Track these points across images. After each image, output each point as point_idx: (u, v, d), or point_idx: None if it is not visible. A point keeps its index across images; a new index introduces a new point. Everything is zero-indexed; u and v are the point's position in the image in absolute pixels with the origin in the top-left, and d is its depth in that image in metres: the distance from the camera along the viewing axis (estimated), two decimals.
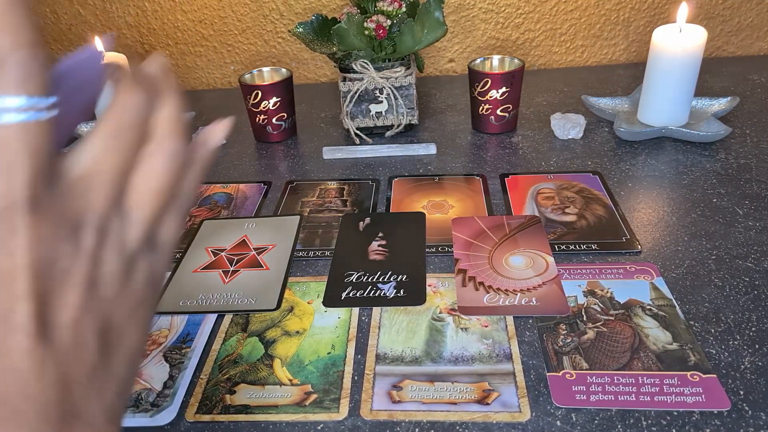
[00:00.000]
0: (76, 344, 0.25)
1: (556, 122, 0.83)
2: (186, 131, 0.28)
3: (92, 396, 0.26)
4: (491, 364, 0.47)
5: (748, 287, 0.53)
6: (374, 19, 0.77)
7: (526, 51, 1.08)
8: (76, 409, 0.25)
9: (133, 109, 0.26)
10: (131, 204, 0.27)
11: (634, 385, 0.44)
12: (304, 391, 0.46)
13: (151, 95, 0.27)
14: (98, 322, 0.26)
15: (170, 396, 0.47)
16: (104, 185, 0.25)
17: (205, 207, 0.72)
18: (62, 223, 0.24)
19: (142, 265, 0.28)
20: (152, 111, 0.27)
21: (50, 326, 0.24)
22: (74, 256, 0.24)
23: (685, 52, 0.74)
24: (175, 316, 0.55)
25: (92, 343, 0.25)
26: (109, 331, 0.26)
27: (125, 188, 0.26)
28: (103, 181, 0.25)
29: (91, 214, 0.25)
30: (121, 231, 0.26)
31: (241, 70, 1.10)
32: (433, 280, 0.57)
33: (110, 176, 0.25)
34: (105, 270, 0.26)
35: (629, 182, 0.70)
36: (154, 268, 0.29)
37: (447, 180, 0.74)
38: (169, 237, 0.30)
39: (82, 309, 0.25)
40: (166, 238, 0.29)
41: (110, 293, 0.26)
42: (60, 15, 1.07)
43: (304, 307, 0.55)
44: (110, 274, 0.26)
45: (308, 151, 0.85)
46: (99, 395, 0.26)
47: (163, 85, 0.28)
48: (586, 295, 0.53)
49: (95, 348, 0.26)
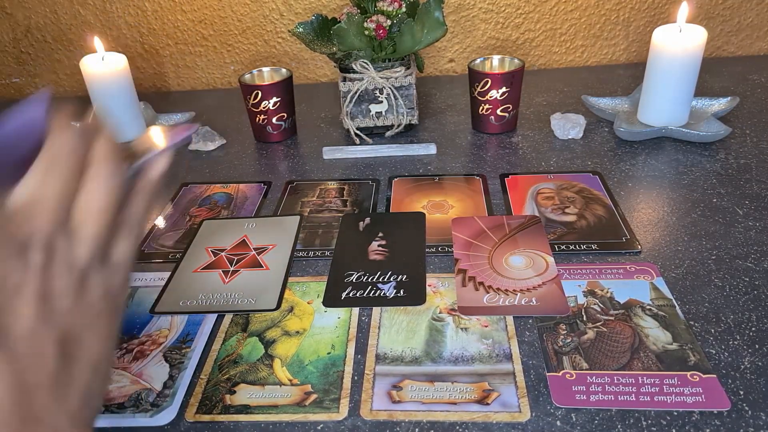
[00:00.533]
0: (34, 353, 0.27)
1: (556, 122, 0.83)
2: (120, 158, 0.32)
3: (54, 401, 0.28)
4: (491, 364, 0.47)
5: (748, 287, 0.53)
6: (374, 19, 0.77)
7: (526, 51, 1.08)
8: (37, 414, 0.27)
9: (66, 142, 0.30)
10: (76, 223, 0.30)
11: (634, 385, 0.44)
12: (304, 391, 0.46)
13: (83, 132, 0.31)
14: (56, 333, 0.28)
15: (170, 396, 0.47)
16: (47, 209, 0.29)
17: (205, 207, 0.72)
18: (9, 244, 0.27)
19: (95, 280, 0.31)
20: (86, 144, 0.31)
21: (5, 335, 0.26)
22: (24, 272, 0.27)
23: (685, 52, 0.74)
24: (175, 316, 0.55)
25: (51, 352, 0.28)
26: (68, 341, 0.29)
27: (70, 211, 0.30)
28: (46, 205, 0.29)
29: (37, 234, 0.28)
30: (68, 249, 0.29)
31: (241, 70, 1.10)
32: (433, 280, 0.57)
33: (52, 201, 0.29)
34: (56, 284, 0.29)
35: (629, 182, 0.70)
36: (109, 282, 0.32)
37: (447, 180, 0.74)
38: (122, 256, 0.33)
39: (37, 320, 0.28)
40: (118, 257, 0.32)
41: (65, 306, 0.29)
42: (60, 15, 1.07)
43: (304, 307, 0.55)
44: (62, 288, 0.29)
45: (308, 151, 0.85)
46: (61, 400, 0.28)
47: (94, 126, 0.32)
48: (586, 295, 0.53)
49: (54, 356, 0.28)
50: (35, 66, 1.12)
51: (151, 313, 0.55)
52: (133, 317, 0.55)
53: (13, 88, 1.15)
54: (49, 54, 1.11)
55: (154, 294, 0.58)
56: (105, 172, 0.31)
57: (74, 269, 0.30)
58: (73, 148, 0.30)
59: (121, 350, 0.51)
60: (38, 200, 0.28)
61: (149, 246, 0.66)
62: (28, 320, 0.27)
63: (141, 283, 0.60)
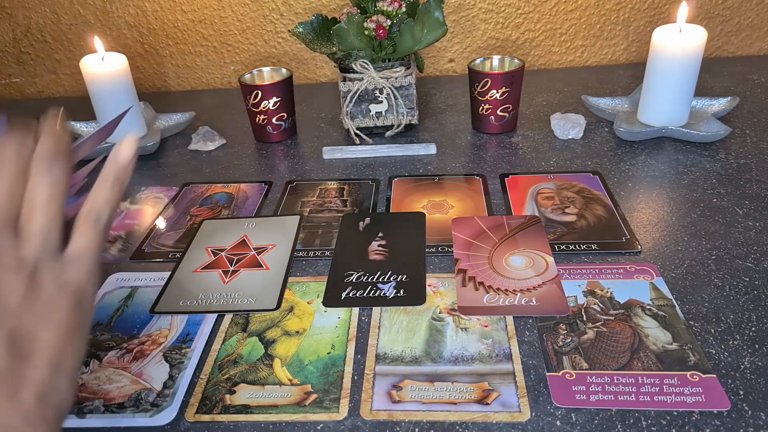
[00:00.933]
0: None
1: (556, 122, 0.83)
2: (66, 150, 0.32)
3: (5, 399, 0.28)
4: (491, 364, 0.47)
5: (748, 287, 0.53)
6: (374, 19, 0.77)
7: (526, 51, 1.08)
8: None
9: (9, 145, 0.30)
10: (23, 221, 0.30)
11: (634, 385, 0.44)
12: (304, 391, 0.46)
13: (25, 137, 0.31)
14: (4, 331, 0.28)
15: (170, 396, 0.47)
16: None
17: (205, 207, 0.72)
18: None
19: (47, 274, 0.30)
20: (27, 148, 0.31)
21: None
22: None
23: (685, 52, 0.74)
24: (175, 316, 0.55)
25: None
26: (18, 338, 0.29)
27: (14, 212, 0.30)
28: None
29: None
30: (14, 247, 0.29)
31: (241, 70, 1.10)
32: (433, 280, 0.57)
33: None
34: (3, 283, 0.29)
35: (629, 182, 0.70)
36: (66, 276, 0.31)
37: (447, 180, 0.74)
38: (83, 248, 0.32)
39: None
40: (79, 248, 0.32)
41: (13, 303, 0.29)
42: (60, 15, 1.07)
43: (304, 307, 0.55)
44: (8, 286, 0.29)
45: (308, 151, 0.85)
46: (13, 397, 0.28)
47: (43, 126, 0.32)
48: (586, 295, 0.53)
49: (3, 355, 0.28)
50: (35, 66, 1.12)
51: (151, 313, 0.55)
52: (133, 317, 0.55)
53: (13, 88, 1.15)
54: (49, 54, 1.11)
55: (154, 294, 0.58)
56: (46, 165, 0.31)
57: (22, 266, 0.29)
58: (16, 150, 0.30)
59: (121, 350, 0.51)
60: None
61: (149, 246, 0.66)
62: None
63: (141, 283, 0.60)
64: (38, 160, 0.31)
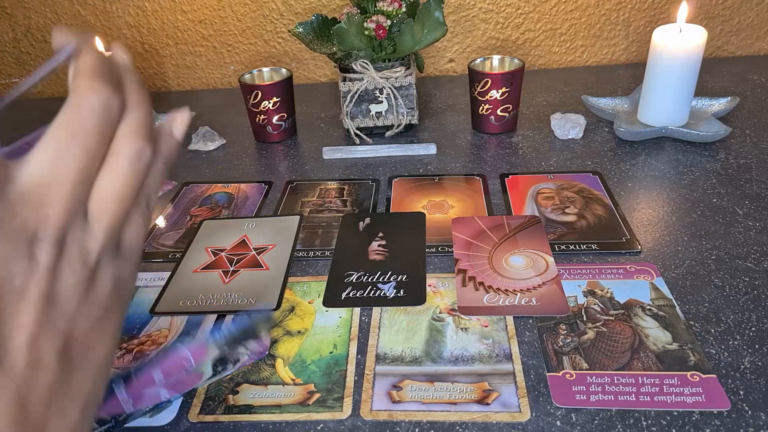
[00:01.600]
0: (32, 365, 0.23)
1: (556, 122, 0.83)
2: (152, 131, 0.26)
3: (54, 415, 0.24)
4: (491, 364, 0.47)
5: (748, 287, 0.53)
6: (374, 19, 0.77)
7: (526, 51, 1.08)
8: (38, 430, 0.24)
9: (94, 109, 0.24)
10: (93, 212, 0.25)
11: (634, 385, 0.44)
12: (308, 390, 0.46)
13: (115, 93, 0.24)
14: (58, 340, 0.24)
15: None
16: (62, 196, 0.23)
17: (206, 207, 0.72)
18: (14, 239, 0.22)
19: (106, 273, 0.26)
20: (116, 111, 0.24)
21: (4, 350, 0.22)
22: (29, 273, 0.23)
23: (685, 52, 0.74)
24: (175, 316, 0.55)
25: (52, 362, 0.24)
26: (71, 347, 0.25)
27: (86, 196, 0.24)
28: (61, 191, 0.23)
29: (47, 227, 0.23)
30: (81, 242, 0.24)
31: (241, 70, 1.10)
32: (433, 280, 0.57)
33: (68, 186, 0.23)
34: (64, 284, 0.24)
35: (629, 182, 0.70)
36: (121, 274, 0.27)
37: (447, 180, 0.74)
38: (135, 240, 0.27)
39: (38, 328, 0.23)
40: (131, 241, 0.27)
41: (70, 308, 0.24)
42: (60, 15, 1.07)
43: (305, 306, 0.55)
44: (70, 288, 0.24)
45: (308, 151, 0.85)
46: (62, 414, 0.24)
47: (127, 81, 0.26)
48: (586, 295, 0.53)
49: (55, 366, 0.24)
50: (35, 66, 1.12)
51: (151, 313, 0.55)
52: (132, 317, 0.55)
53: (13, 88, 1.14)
54: (49, 54, 1.11)
55: (154, 294, 0.58)
56: (133, 150, 0.25)
57: (86, 265, 0.25)
58: (102, 117, 0.24)
59: (121, 350, 0.51)
60: (52, 183, 0.23)
61: (149, 246, 0.66)
62: (29, 330, 0.23)
63: (141, 283, 0.60)
64: (127, 139, 0.25)
